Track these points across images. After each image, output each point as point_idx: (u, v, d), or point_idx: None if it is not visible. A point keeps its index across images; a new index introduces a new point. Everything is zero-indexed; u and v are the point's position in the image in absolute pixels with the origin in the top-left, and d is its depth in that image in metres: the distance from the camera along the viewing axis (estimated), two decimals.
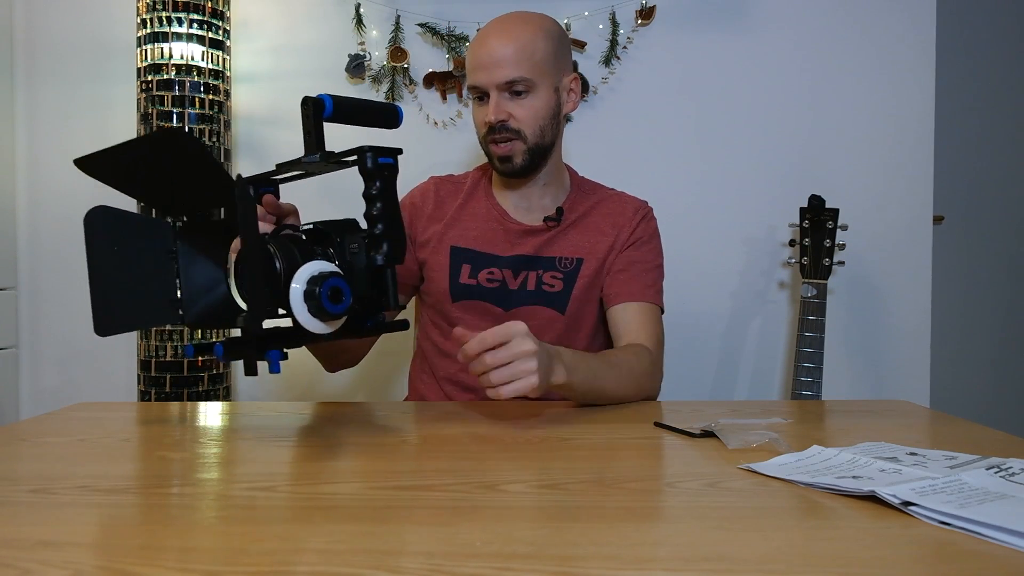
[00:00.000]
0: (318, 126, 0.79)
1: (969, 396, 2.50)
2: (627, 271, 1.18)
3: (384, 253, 0.77)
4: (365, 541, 0.51)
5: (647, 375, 1.07)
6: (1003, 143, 2.49)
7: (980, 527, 0.51)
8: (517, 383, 0.82)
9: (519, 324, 0.83)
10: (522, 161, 1.15)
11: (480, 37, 1.14)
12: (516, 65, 1.10)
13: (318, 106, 0.78)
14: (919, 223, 1.79)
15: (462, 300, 1.18)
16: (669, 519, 0.57)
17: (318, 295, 0.70)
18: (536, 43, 1.11)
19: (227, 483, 0.67)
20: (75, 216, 1.82)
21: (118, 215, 0.79)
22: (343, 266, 0.77)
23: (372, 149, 0.77)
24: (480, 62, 1.12)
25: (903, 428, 0.89)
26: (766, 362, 1.81)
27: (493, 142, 1.14)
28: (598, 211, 1.23)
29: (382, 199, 0.77)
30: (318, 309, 0.71)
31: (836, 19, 1.78)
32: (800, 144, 1.78)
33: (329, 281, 0.71)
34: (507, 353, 0.82)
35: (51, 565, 0.47)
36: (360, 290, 0.78)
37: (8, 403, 1.83)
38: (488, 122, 1.12)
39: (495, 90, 1.11)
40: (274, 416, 0.96)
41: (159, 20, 1.57)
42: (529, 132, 1.13)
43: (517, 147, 1.14)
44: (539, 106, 1.13)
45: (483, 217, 1.22)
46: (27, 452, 0.78)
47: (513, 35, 1.11)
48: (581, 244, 1.20)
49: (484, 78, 1.12)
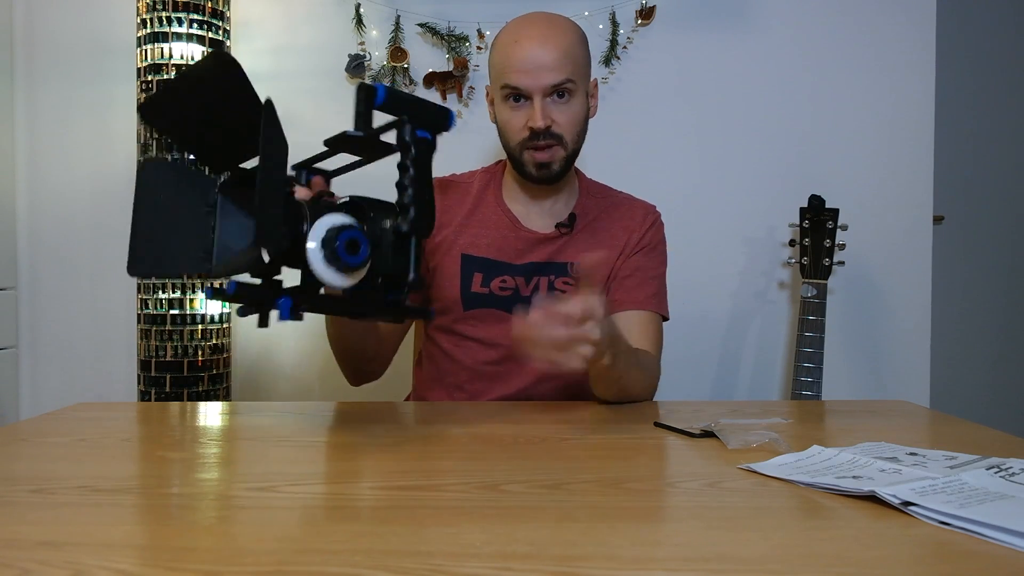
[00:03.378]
0: (368, 110, 0.78)
1: (969, 396, 2.50)
2: (632, 277, 1.18)
3: (410, 220, 0.75)
4: (365, 541, 0.51)
5: (653, 380, 1.11)
6: (1003, 143, 2.49)
7: (980, 527, 0.51)
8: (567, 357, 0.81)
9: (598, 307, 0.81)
10: (559, 168, 1.13)
11: (517, 39, 1.11)
12: (561, 68, 1.08)
13: (370, 92, 0.77)
14: (919, 223, 1.79)
15: (474, 308, 1.18)
16: (669, 519, 0.57)
17: (334, 240, 0.70)
18: (575, 46, 1.11)
19: (227, 483, 0.67)
20: (75, 216, 1.82)
21: (169, 167, 0.81)
22: (371, 239, 0.76)
23: (412, 119, 0.77)
24: (523, 65, 1.09)
25: (903, 428, 0.89)
26: (766, 362, 1.81)
27: (535, 148, 1.11)
28: (609, 216, 1.22)
29: (415, 167, 0.76)
30: (333, 257, 0.70)
31: (836, 19, 1.78)
32: (800, 144, 1.78)
33: (347, 232, 0.71)
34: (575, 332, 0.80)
35: (51, 565, 0.47)
36: (384, 267, 0.76)
37: (8, 403, 1.83)
38: (535, 127, 1.10)
39: (540, 94, 1.09)
40: (274, 416, 0.96)
41: (159, 20, 1.57)
42: (569, 138, 1.12)
43: (558, 153, 1.12)
44: (578, 110, 1.13)
45: (494, 224, 1.20)
46: (27, 452, 0.78)
47: (556, 39, 1.09)
48: (592, 250, 1.18)
49: (529, 81, 1.09)
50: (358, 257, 0.71)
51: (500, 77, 1.13)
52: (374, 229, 0.77)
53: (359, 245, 0.71)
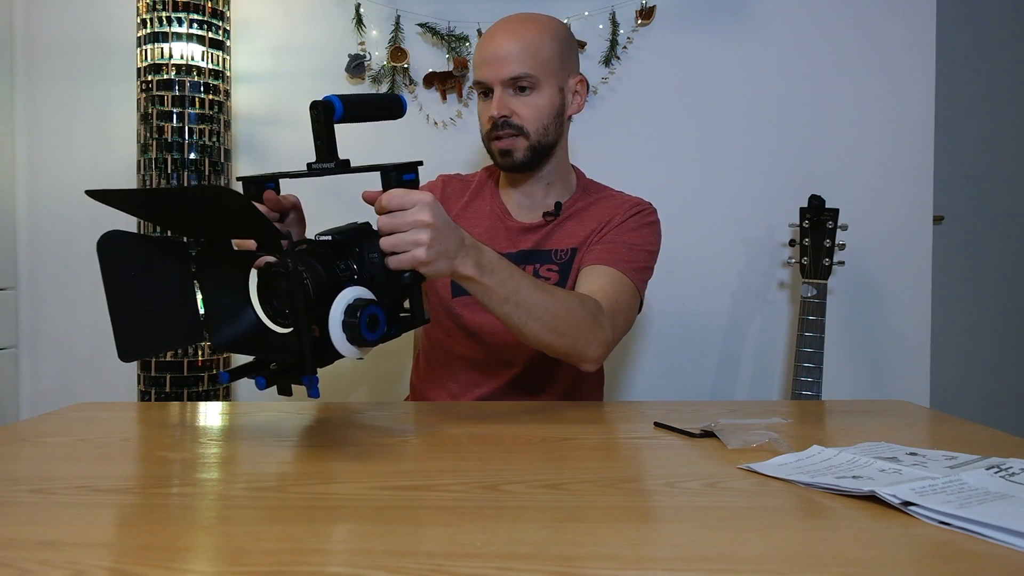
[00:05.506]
0: (330, 132, 0.77)
1: (969, 396, 2.50)
2: (604, 245, 1.15)
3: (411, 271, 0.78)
4: (365, 541, 0.51)
5: (585, 323, 0.98)
6: (1003, 143, 2.49)
7: (980, 527, 0.51)
8: (403, 255, 0.76)
9: (425, 194, 0.77)
10: (523, 157, 1.15)
11: (487, 35, 1.16)
12: (521, 62, 1.11)
13: (328, 110, 0.76)
14: (919, 223, 1.79)
15: (462, 296, 1.18)
16: (669, 519, 0.57)
17: (357, 324, 0.71)
18: (542, 42, 1.13)
19: (227, 483, 0.67)
20: (75, 216, 1.82)
21: (132, 238, 0.77)
22: (364, 277, 0.77)
23: (396, 168, 0.77)
24: (486, 58, 1.13)
25: (903, 428, 0.89)
26: (766, 362, 1.81)
27: (496, 138, 1.14)
28: (597, 206, 1.22)
29: None
30: (355, 337, 0.72)
31: (836, 19, 1.78)
32: (800, 144, 1.78)
33: (367, 309, 0.72)
34: (399, 220, 0.76)
35: (51, 565, 0.47)
36: (383, 300, 0.77)
37: (8, 403, 1.83)
38: (491, 117, 1.13)
39: (499, 86, 1.12)
40: (274, 416, 0.96)
41: (159, 20, 1.57)
42: (532, 130, 1.14)
43: (519, 143, 1.14)
44: (543, 104, 1.14)
45: (487, 215, 1.23)
46: (27, 452, 0.78)
47: (519, 33, 1.12)
48: (575, 234, 1.19)
49: (489, 74, 1.13)
50: (377, 333, 0.73)
51: (474, 73, 1.17)
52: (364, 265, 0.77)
53: (379, 322, 0.73)
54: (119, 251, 0.75)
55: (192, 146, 1.59)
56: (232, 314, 0.79)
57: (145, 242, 0.79)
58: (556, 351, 0.98)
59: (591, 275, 1.11)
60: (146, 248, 0.78)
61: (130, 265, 0.76)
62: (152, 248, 0.79)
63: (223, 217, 0.73)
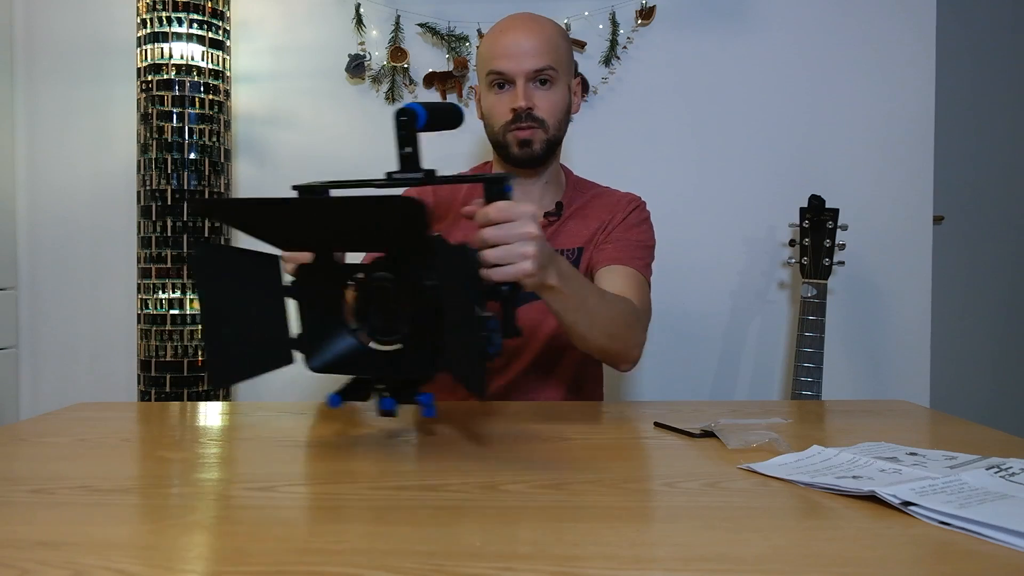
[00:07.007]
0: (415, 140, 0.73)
1: (969, 396, 2.50)
2: (614, 244, 1.18)
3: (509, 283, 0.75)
4: (365, 541, 0.51)
5: (631, 324, 1.03)
6: (1003, 143, 2.49)
7: (980, 527, 0.51)
8: (508, 268, 0.75)
9: (529, 206, 0.76)
10: (540, 149, 1.16)
11: (503, 29, 1.17)
12: (544, 55, 1.13)
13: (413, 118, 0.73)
14: (919, 223, 1.79)
15: None
16: (669, 519, 0.57)
17: None
18: (558, 39, 1.16)
19: (227, 483, 0.67)
20: (75, 216, 1.82)
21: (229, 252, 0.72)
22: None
23: (497, 180, 0.75)
24: (508, 51, 1.14)
25: (903, 428, 0.89)
26: (766, 362, 1.81)
27: (517, 129, 1.15)
28: (594, 204, 1.24)
29: None
30: None
31: (836, 19, 1.78)
32: (800, 144, 1.78)
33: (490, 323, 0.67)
34: (506, 232, 0.75)
35: (51, 565, 0.47)
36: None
37: (8, 403, 1.83)
38: (516, 108, 1.13)
39: (523, 77, 1.13)
40: (274, 416, 0.96)
41: (159, 20, 1.57)
42: (551, 123, 1.16)
43: (539, 135, 1.16)
44: (559, 99, 1.16)
45: None
46: (27, 452, 0.78)
47: (538, 28, 1.15)
48: (579, 234, 1.21)
49: (512, 65, 1.13)
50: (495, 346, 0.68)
51: (486, 65, 1.17)
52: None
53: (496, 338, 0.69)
54: (216, 265, 0.69)
55: (192, 146, 1.59)
56: (329, 334, 0.75)
57: (240, 256, 0.73)
58: (605, 353, 1.01)
59: (613, 276, 1.12)
60: (242, 263, 0.72)
61: (227, 282, 0.70)
62: (248, 263, 0.73)
63: (381, 231, 0.69)
